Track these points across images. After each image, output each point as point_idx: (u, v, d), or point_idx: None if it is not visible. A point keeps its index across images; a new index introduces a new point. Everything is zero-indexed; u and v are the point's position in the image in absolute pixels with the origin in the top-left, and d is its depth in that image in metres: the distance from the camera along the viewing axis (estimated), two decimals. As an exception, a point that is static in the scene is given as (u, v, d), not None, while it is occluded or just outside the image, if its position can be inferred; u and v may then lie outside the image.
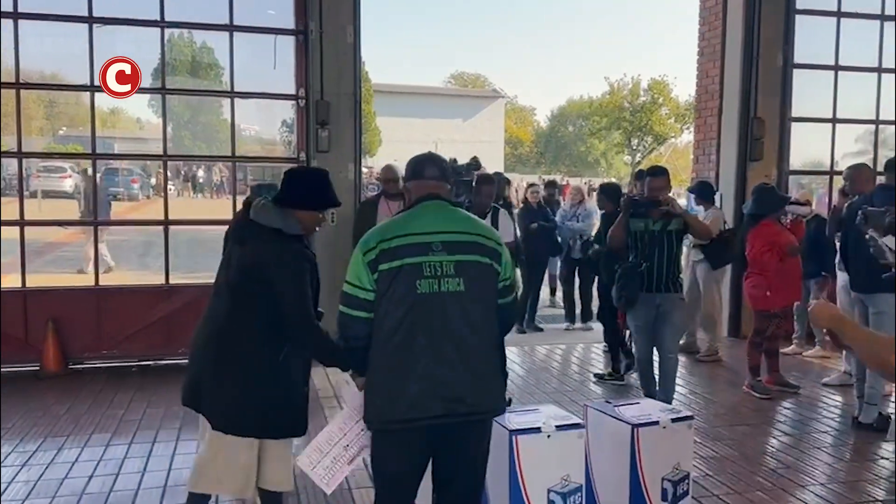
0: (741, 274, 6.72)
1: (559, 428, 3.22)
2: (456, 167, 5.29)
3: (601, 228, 6.71)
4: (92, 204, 8.06)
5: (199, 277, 9.06)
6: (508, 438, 3.12)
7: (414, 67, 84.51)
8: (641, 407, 3.68)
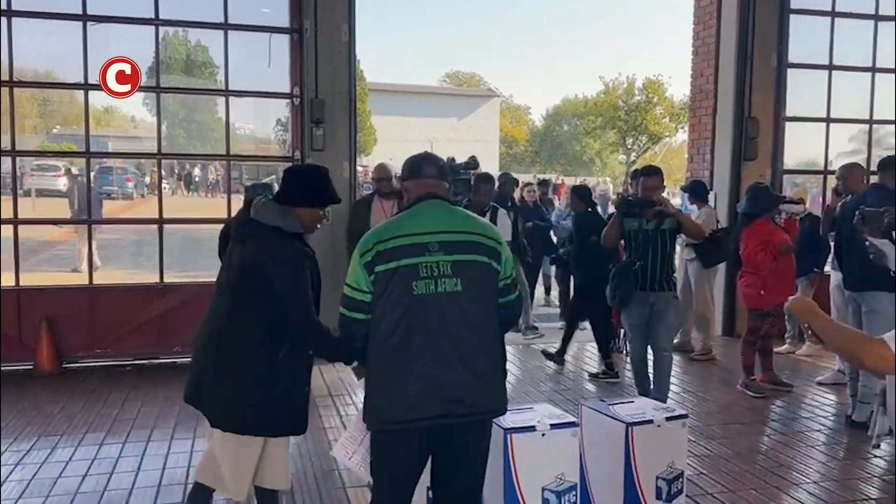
0: (735, 273, 6.74)
1: (554, 426, 3.24)
2: (454, 166, 5.30)
3: (573, 229, 6.79)
4: (84, 203, 8.04)
5: (193, 276, 9.05)
6: (503, 437, 3.14)
7: (409, 66, 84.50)
8: (636, 405, 3.69)
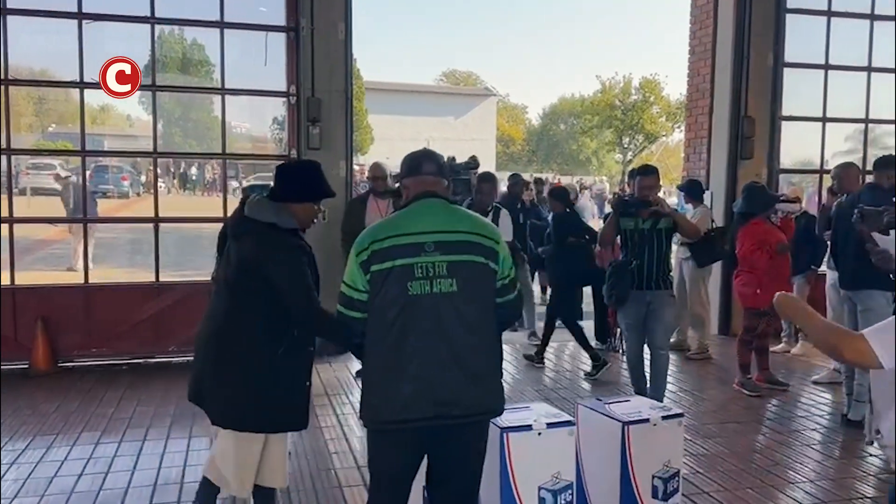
0: (731, 272, 6.75)
1: (550, 426, 3.23)
2: (454, 166, 5.28)
3: (552, 229, 6.83)
4: (79, 202, 8.02)
5: (189, 275, 9.03)
6: (499, 436, 3.13)
7: (406, 65, 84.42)
8: (632, 404, 3.69)
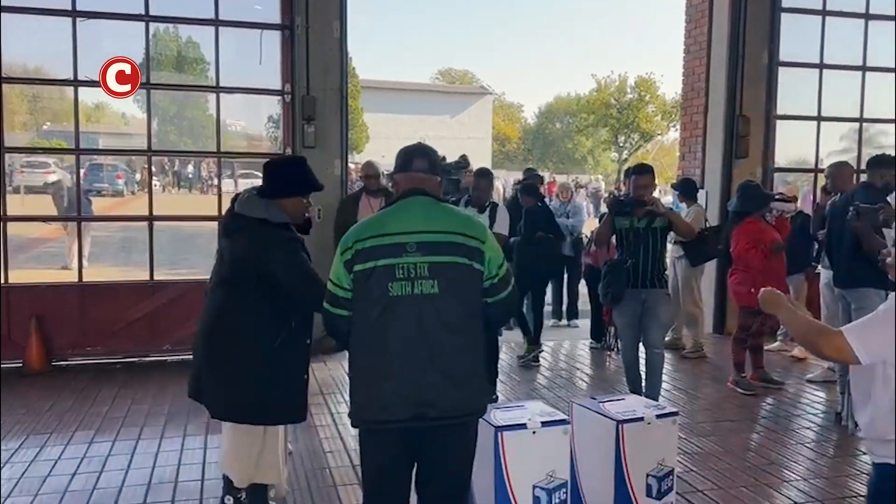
0: (726, 270, 6.76)
1: (545, 424, 3.23)
2: (444, 166, 5.26)
3: (523, 223, 6.90)
4: (73, 200, 7.99)
5: (183, 273, 9.01)
6: (494, 435, 3.13)
7: (401, 64, 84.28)
8: (626, 403, 3.69)
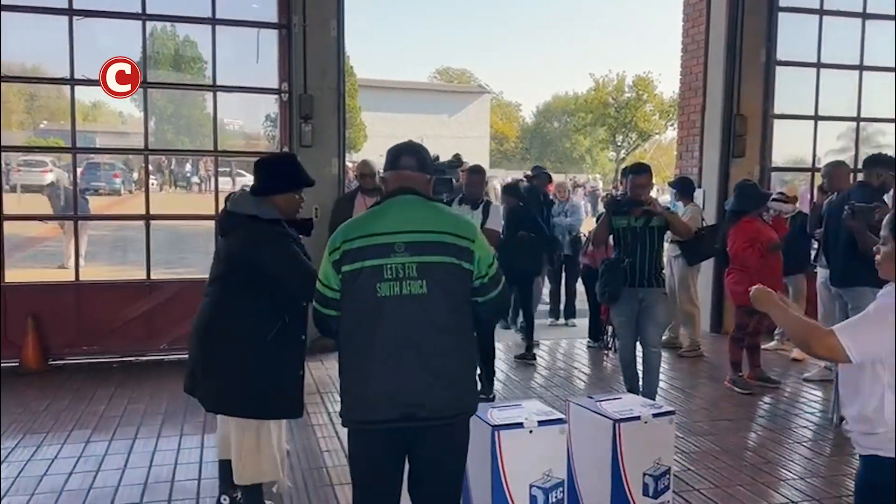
0: (723, 270, 6.76)
1: (541, 423, 3.22)
2: (437, 165, 5.25)
3: (504, 223, 6.87)
4: (71, 200, 7.96)
5: (180, 273, 9.00)
6: (491, 434, 3.12)
7: (399, 63, 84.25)
8: (623, 402, 3.69)
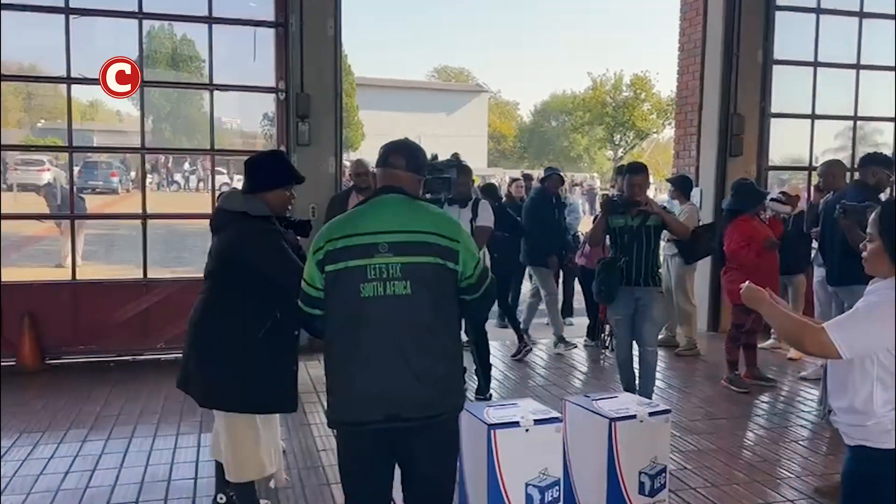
0: (720, 268, 6.76)
1: (537, 422, 3.23)
2: (435, 164, 5.19)
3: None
4: (67, 199, 7.96)
5: (177, 272, 8.99)
6: (487, 433, 3.12)
7: (397, 62, 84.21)
8: (619, 401, 3.69)
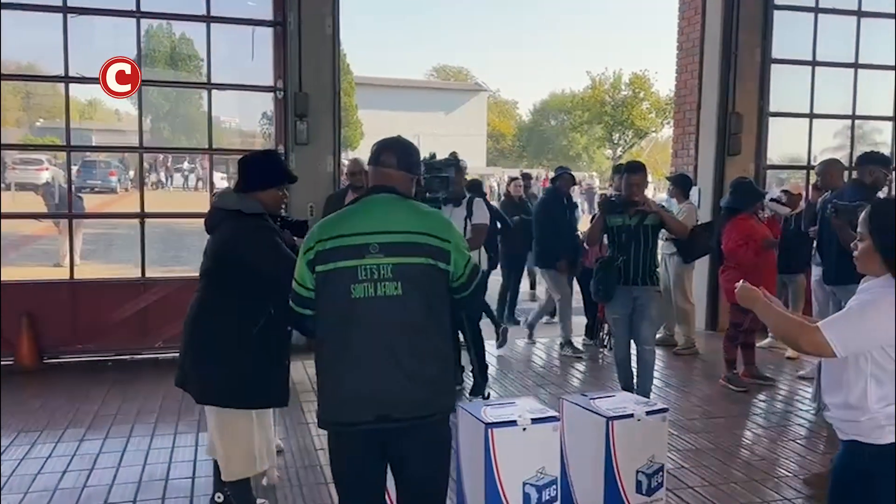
0: (718, 267, 6.77)
1: (535, 421, 3.23)
2: (433, 163, 5.18)
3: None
4: (65, 199, 7.95)
5: (176, 271, 8.99)
6: (484, 431, 3.13)
7: (396, 61, 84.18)
8: (616, 399, 3.70)
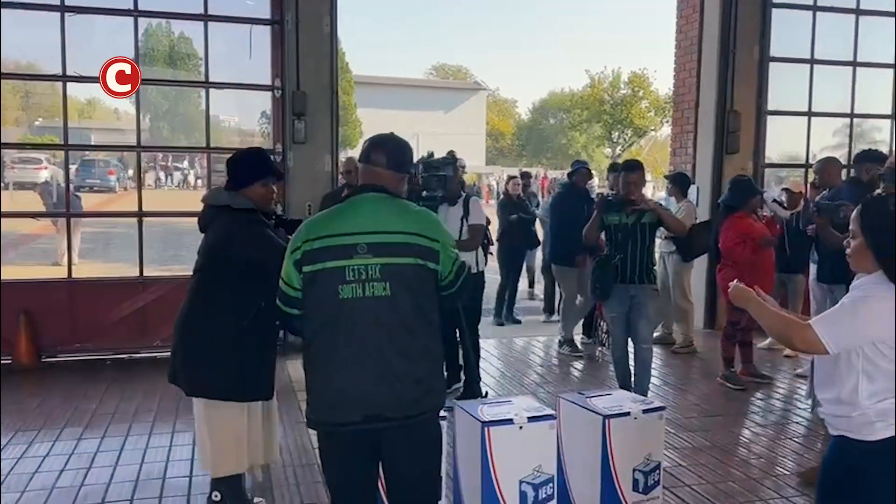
0: (716, 266, 6.77)
1: (531, 419, 3.23)
2: (431, 162, 5.18)
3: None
4: (63, 198, 7.94)
5: (174, 270, 8.98)
6: (481, 430, 3.13)
7: (395, 59, 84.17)
8: (613, 398, 3.70)
